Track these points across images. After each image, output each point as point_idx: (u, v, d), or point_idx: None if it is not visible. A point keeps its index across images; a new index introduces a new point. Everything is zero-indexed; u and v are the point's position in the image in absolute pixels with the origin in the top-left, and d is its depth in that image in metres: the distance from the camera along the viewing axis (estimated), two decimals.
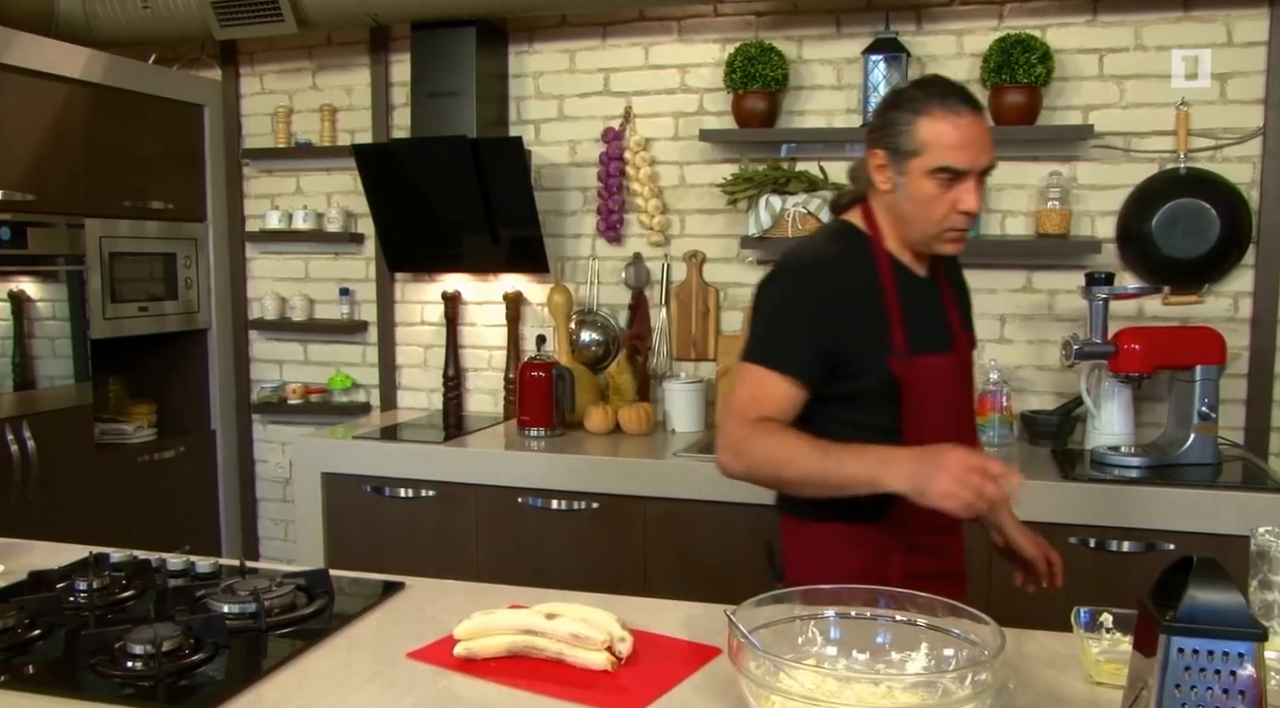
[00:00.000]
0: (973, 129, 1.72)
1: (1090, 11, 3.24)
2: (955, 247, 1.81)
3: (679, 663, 1.43)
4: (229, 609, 1.55)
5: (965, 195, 1.73)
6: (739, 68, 3.31)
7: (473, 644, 1.45)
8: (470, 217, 3.56)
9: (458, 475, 3.21)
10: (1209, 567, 1.09)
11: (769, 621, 1.30)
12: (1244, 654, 1.06)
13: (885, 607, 1.32)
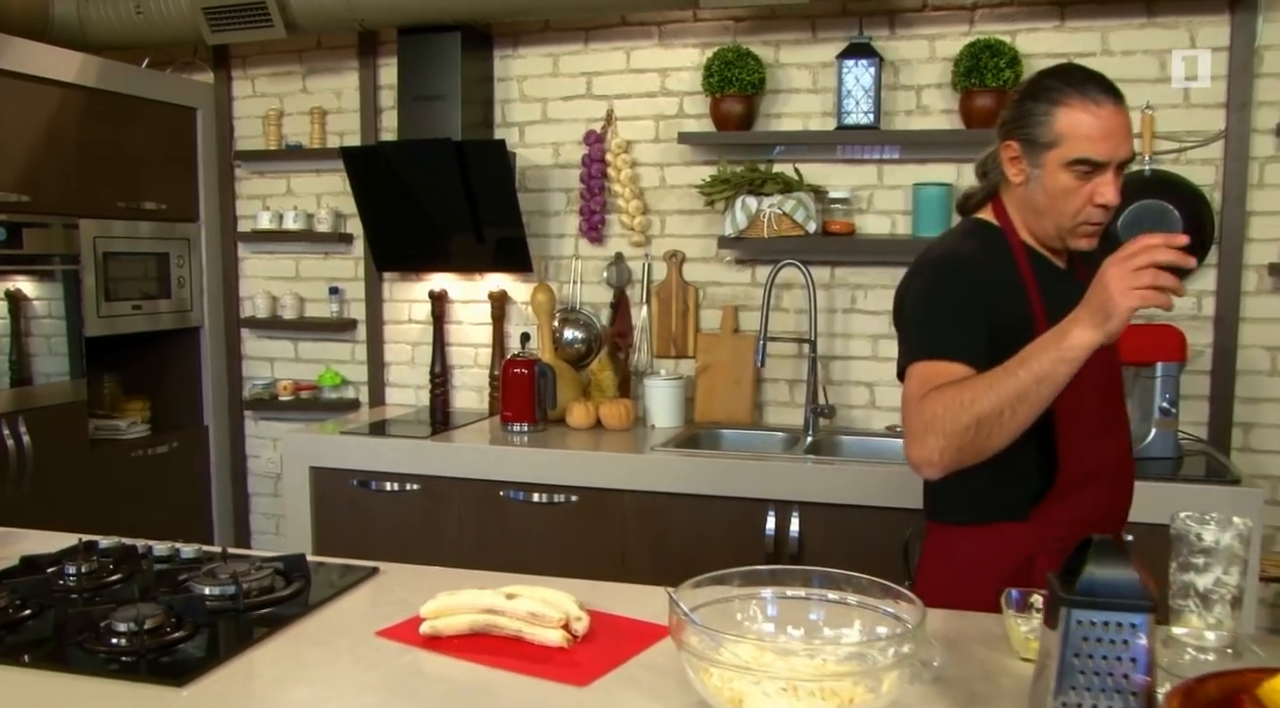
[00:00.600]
0: (1113, 119, 1.67)
1: (1058, 17, 3.33)
2: (1089, 242, 1.76)
3: (632, 641, 1.52)
4: (209, 591, 1.64)
5: (1103, 188, 1.68)
6: (716, 72, 3.40)
7: (438, 623, 1.53)
8: (456, 217, 3.65)
9: (442, 470, 3.29)
10: (1106, 546, 1.18)
11: (709, 600, 1.38)
12: (1137, 625, 1.15)
13: (819, 586, 1.40)
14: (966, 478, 1.73)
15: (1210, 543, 1.50)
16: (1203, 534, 1.50)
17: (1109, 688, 1.15)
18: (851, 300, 3.54)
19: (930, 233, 3.33)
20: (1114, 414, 1.85)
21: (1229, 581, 1.50)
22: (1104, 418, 1.80)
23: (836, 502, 2.95)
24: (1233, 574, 1.50)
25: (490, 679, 1.41)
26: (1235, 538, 1.50)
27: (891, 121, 3.44)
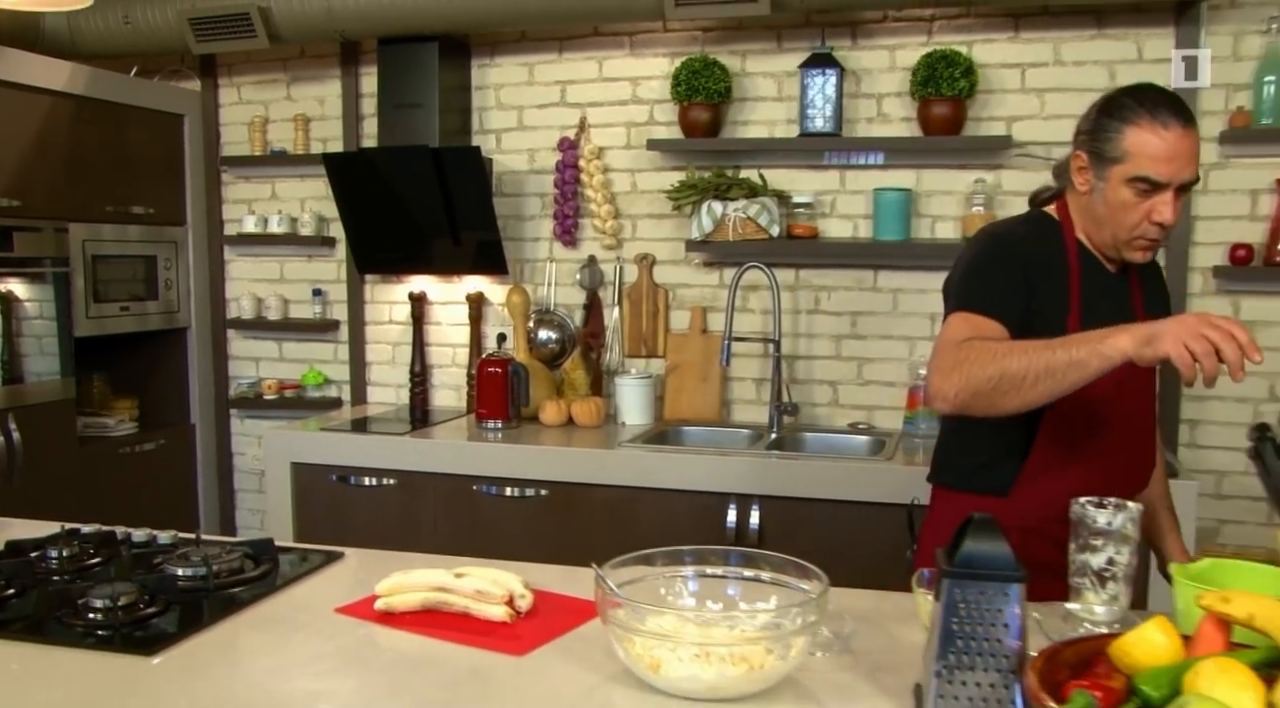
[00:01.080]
0: (1179, 143, 1.75)
1: (1013, 29, 3.45)
2: (1144, 255, 1.85)
3: (570, 616, 1.64)
4: (182, 572, 1.76)
5: (1161, 206, 1.77)
6: (684, 81, 3.53)
7: (392, 600, 1.66)
8: (434, 221, 3.78)
9: (418, 465, 3.42)
10: (984, 523, 1.30)
11: (636, 577, 1.51)
12: (1009, 595, 1.27)
13: (736, 564, 1.53)
14: (969, 448, 1.95)
15: (1104, 525, 1.63)
16: (1097, 518, 1.63)
17: (985, 652, 1.28)
18: (815, 302, 3.67)
19: (891, 236, 3.46)
20: (1121, 412, 1.90)
21: (1120, 560, 1.63)
22: (1102, 413, 1.88)
23: (795, 495, 3.07)
24: (1124, 554, 1.63)
25: (436, 650, 1.53)
26: (1127, 521, 1.63)
27: (853, 128, 3.57)
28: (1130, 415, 1.94)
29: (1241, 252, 3.28)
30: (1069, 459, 1.90)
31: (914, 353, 3.59)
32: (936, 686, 1.28)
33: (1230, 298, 3.35)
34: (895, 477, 3.05)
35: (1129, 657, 1.18)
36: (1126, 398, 1.91)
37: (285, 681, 1.41)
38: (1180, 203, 1.80)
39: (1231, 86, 3.29)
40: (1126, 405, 1.92)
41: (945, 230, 3.54)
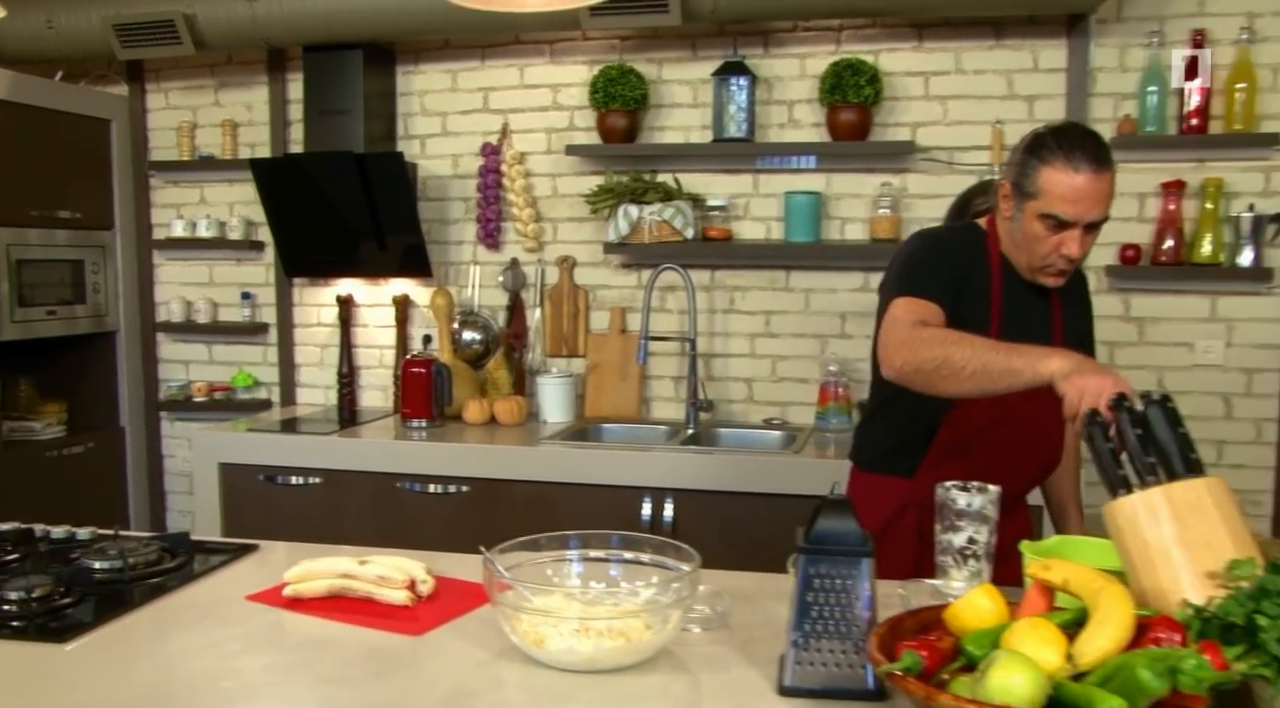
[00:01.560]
0: (1088, 187, 1.87)
1: (916, 39, 3.61)
2: (1054, 281, 2.01)
3: (470, 600, 1.74)
4: (98, 565, 1.84)
5: (1069, 242, 1.92)
6: (601, 88, 3.64)
7: (299, 587, 1.75)
8: (360, 226, 3.85)
9: (344, 463, 3.49)
10: (836, 503, 1.43)
11: (523, 561, 1.61)
12: (859, 569, 1.40)
13: (616, 546, 1.64)
14: (884, 432, 2.17)
15: (964, 507, 1.76)
16: (958, 500, 1.77)
17: (837, 620, 1.40)
18: (730, 301, 3.80)
19: (801, 238, 3.60)
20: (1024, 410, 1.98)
21: (980, 539, 1.77)
22: (1006, 409, 1.99)
23: (708, 488, 3.19)
24: (983, 533, 1.77)
25: (339, 632, 1.62)
26: (986, 503, 1.77)
27: (765, 134, 3.70)
28: (1034, 414, 2.03)
29: (1130, 252, 3.46)
30: (970, 448, 2.05)
31: (825, 351, 3.73)
32: (794, 654, 1.41)
33: (1121, 295, 3.54)
34: (805, 469, 3.18)
35: (959, 620, 1.31)
36: (1033, 398, 2.00)
37: (192, 662, 1.50)
38: (1092, 238, 1.94)
39: (1119, 95, 3.48)
40: (1032, 405, 2.01)
41: (854, 232, 3.69)
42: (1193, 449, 1.50)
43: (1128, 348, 3.55)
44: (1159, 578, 1.38)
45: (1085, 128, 1.99)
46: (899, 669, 1.20)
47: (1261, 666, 1.10)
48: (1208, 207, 3.39)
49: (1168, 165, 3.45)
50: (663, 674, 1.47)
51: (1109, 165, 1.90)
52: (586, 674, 1.45)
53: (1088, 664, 1.15)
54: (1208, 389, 3.50)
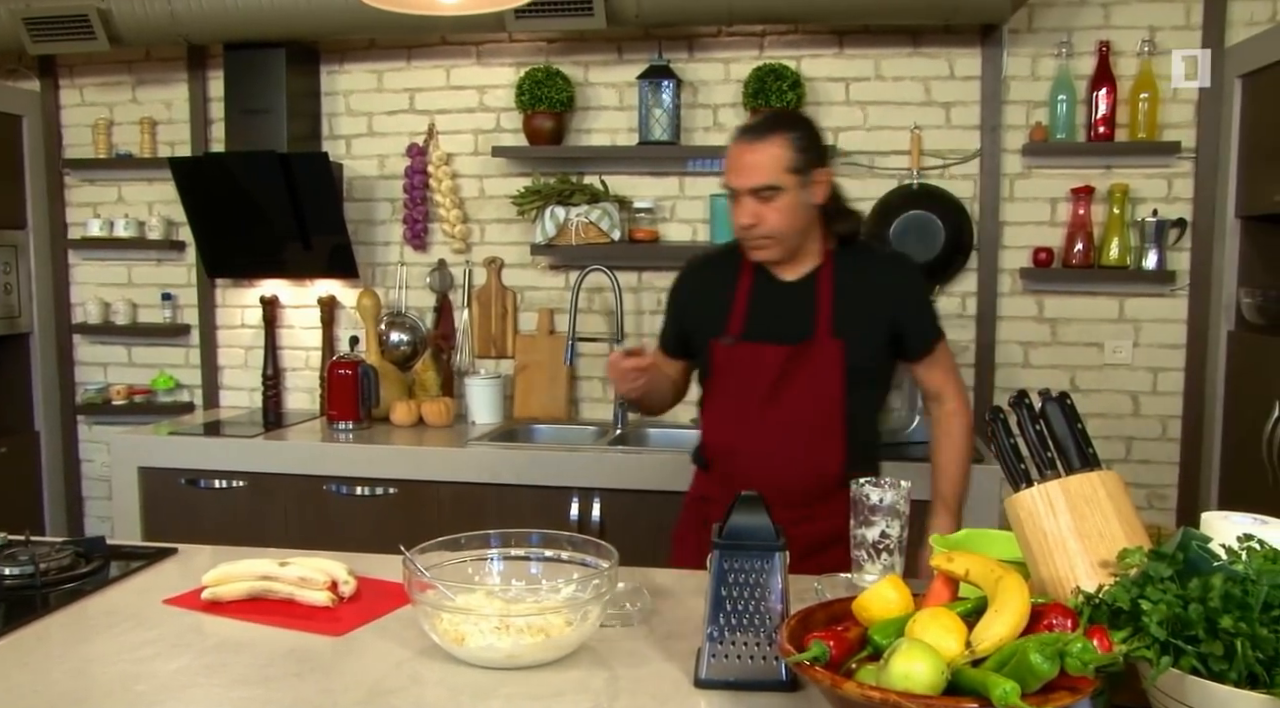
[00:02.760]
0: (742, 155, 2.07)
1: (837, 45, 3.68)
2: (756, 255, 2.16)
3: (392, 600, 1.75)
4: (8, 571, 1.81)
5: (737, 211, 2.11)
6: (527, 90, 3.65)
7: (218, 590, 1.74)
8: (284, 226, 3.81)
9: (268, 466, 3.45)
10: (749, 500, 1.46)
11: (444, 561, 1.63)
12: (770, 563, 1.44)
13: (536, 544, 1.67)
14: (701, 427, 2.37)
15: (876, 501, 1.82)
16: (870, 495, 1.82)
17: (751, 614, 1.44)
18: (657, 303, 3.83)
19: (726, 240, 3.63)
20: (779, 412, 2.17)
21: (892, 533, 1.83)
22: (758, 413, 2.18)
23: (634, 487, 3.22)
24: (894, 527, 1.83)
25: (259, 634, 1.62)
26: (898, 498, 1.83)
27: (691, 137, 3.74)
28: (794, 414, 2.17)
29: (1043, 255, 3.57)
30: (734, 447, 2.23)
31: None
32: (709, 647, 1.44)
33: (1035, 297, 3.65)
34: None
35: (867, 611, 1.36)
36: (790, 398, 2.17)
37: (107, 666, 1.49)
38: (771, 211, 2.07)
39: (1031, 103, 3.58)
40: (788, 406, 2.18)
41: None
42: (1089, 444, 1.57)
43: (1041, 348, 3.66)
44: (1056, 567, 1.44)
45: (778, 109, 2.28)
46: (807, 659, 1.24)
47: (1144, 648, 1.16)
48: (1115, 212, 3.51)
49: (1078, 171, 3.56)
50: (582, 670, 1.49)
51: (764, 135, 2.07)
52: (507, 671, 1.47)
53: (985, 651, 1.20)
54: (1117, 388, 3.62)
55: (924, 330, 2.24)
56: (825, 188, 2.15)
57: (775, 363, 2.15)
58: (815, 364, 2.15)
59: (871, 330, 2.18)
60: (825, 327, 2.15)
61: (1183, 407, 3.59)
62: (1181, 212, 3.52)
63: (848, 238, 2.24)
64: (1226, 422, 3.41)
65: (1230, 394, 3.38)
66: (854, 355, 2.15)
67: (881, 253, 2.36)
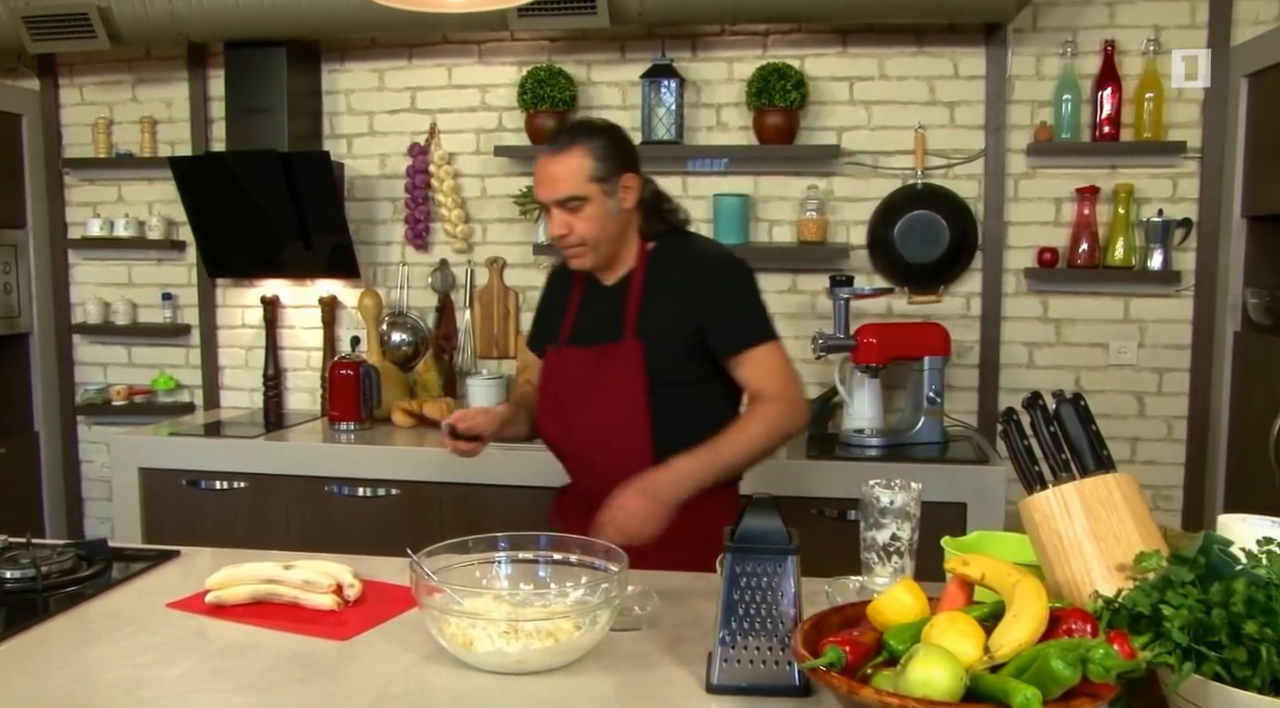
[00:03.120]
0: (544, 167, 2.09)
1: (841, 44, 3.66)
2: (573, 263, 2.18)
3: (398, 603, 1.73)
4: (9, 574, 1.79)
5: (549, 222, 2.15)
6: (530, 89, 3.63)
7: (222, 593, 1.72)
8: (285, 226, 3.79)
9: (269, 467, 3.43)
10: (762, 503, 1.45)
11: (451, 564, 1.61)
12: (783, 566, 1.42)
13: (545, 547, 1.65)
14: None
15: (886, 504, 1.80)
16: (881, 497, 1.80)
17: (763, 618, 1.42)
18: None
19: (730, 240, 3.63)
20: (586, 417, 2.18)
21: (903, 535, 1.80)
22: (571, 416, 2.20)
23: None
24: (905, 530, 1.80)
25: (264, 638, 1.60)
26: (909, 500, 1.81)
27: (694, 137, 3.72)
28: (600, 417, 2.17)
29: (1048, 255, 3.55)
30: (559, 450, 2.29)
31: None
32: (721, 652, 1.42)
33: (1039, 298, 3.63)
34: None
35: (881, 615, 1.34)
36: (596, 401, 2.18)
37: (109, 671, 1.47)
38: (581, 222, 2.08)
39: (1036, 103, 3.57)
40: (594, 409, 2.18)
41: (782, 234, 3.73)
42: (1103, 446, 1.55)
43: (1046, 348, 3.64)
44: (1072, 570, 1.43)
45: (582, 118, 2.29)
46: (823, 665, 1.22)
47: (1166, 653, 1.14)
48: (1120, 211, 3.49)
49: (1082, 171, 3.55)
50: (591, 675, 1.47)
51: (566, 147, 2.08)
52: (515, 676, 1.45)
53: (1004, 656, 1.19)
54: (1122, 388, 3.60)
55: (728, 332, 2.14)
56: (634, 193, 2.14)
57: (583, 366, 2.18)
58: (618, 367, 2.15)
59: (674, 331, 2.13)
60: (630, 329, 2.14)
61: (1188, 407, 3.57)
62: (1187, 211, 3.50)
63: (668, 237, 2.22)
64: (1232, 422, 3.40)
65: (1236, 395, 3.36)
66: (655, 356, 2.12)
67: (697, 252, 2.23)
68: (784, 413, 2.12)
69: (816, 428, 3.63)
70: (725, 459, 2.07)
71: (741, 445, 2.08)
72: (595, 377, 2.17)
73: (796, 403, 2.15)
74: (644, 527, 1.94)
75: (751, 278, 2.22)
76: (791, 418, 2.13)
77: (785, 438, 2.15)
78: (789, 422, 2.13)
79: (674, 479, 2.01)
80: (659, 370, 2.13)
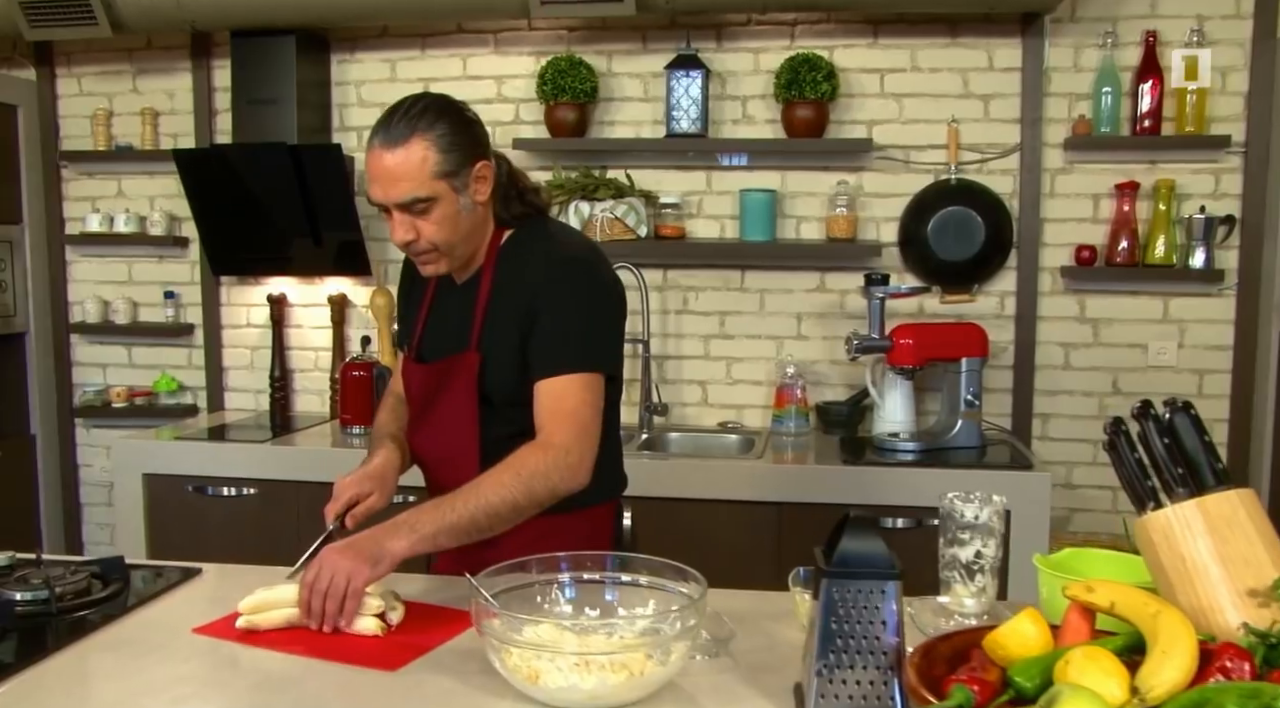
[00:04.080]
0: (378, 162, 1.71)
1: (872, 35, 3.54)
2: (424, 270, 1.83)
3: (445, 627, 1.60)
4: (20, 596, 1.64)
5: (390, 226, 1.76)
6: (550, 80, 3.49)
7: (255, 618, 1.58)
8: (293, 221, 3.65)
9: (280, 473, 3.29)
10: (861, 522, 1.32)
11: (510, 586, 1.47)
12: (886, 592, 1.29)
13: (612, 568, 1.51)
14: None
15: (971, 519, 1.67)
16: (964, 511, 1.67)
17: (864, 649, 1.29)
18: (683, 302, 3.69)
19: (757, 237, 3.51)
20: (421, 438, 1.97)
21: (988, 553, 1.68)
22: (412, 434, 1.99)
23: (667, 496, 3.07)
24: (990, 547, 1.68)
25: (304, 668, 1.46)
26: (993, 514, 1.68)
27: (719, 130, 3.59)
28: (432, 438, 1.94)
29: (1086, 253, 3.43)
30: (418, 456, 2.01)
31: (781, 352, 3.64)
32: (817, 685, 1.29)
33: (1076, 297, 3.51)
34: (767, 475, 3.09)
35: (1003, 649, 1.21)
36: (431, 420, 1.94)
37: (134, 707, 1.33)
38: (429, 224, 1.74)
39: (1074, 96, 3.45)
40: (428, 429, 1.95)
41: (810, 231, 3.61)
42: (1219, 458, 1.43)
43: (1083, 349, 3.53)
44: (1198, 596, 1.30)
45: (414, 98, 1.79)
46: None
47: None
48: (1160, 208, 3.38)
49: (1122, 166, 3.43)
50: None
51: (404, 138, 1.70)
52: None
53: (1157, 698, 1.06)
54: (1161, 391, 3.48)
55: (539, 351, 1.79)
56: (488, 182, 1.80)
57: (425, 383, 1.92)
58: (456, 380, 1.87)
59: (509, 340, 1.82)
60: (474, 337, 1.85)
61: (1230, 411, 3.46)
62: (1230, 208, 3.39)
63: (525, 225, 1.91)
64: (1277, 426, 3.29)
65: None
66: (492, 370, 1.83)
67: (549, 246, 1.88)
68: (550, 466, 1.71)
69: (845, 432, 3.51)
70: (458, 516, 1.67)
71: (483, 500, 1.67)
72: (436, 394, 1.90)
73: (571, 456, 1.72)
74: (348, 577, 1.56)
75: (597, 285, 1.85)
76: (559, 473, 1.71)
77: (547, 497, 1.72)
78: (555, 478, 1.71)
79: (389, 533, 1.65)
80: (495, 388, 1.84)
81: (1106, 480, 3.49)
